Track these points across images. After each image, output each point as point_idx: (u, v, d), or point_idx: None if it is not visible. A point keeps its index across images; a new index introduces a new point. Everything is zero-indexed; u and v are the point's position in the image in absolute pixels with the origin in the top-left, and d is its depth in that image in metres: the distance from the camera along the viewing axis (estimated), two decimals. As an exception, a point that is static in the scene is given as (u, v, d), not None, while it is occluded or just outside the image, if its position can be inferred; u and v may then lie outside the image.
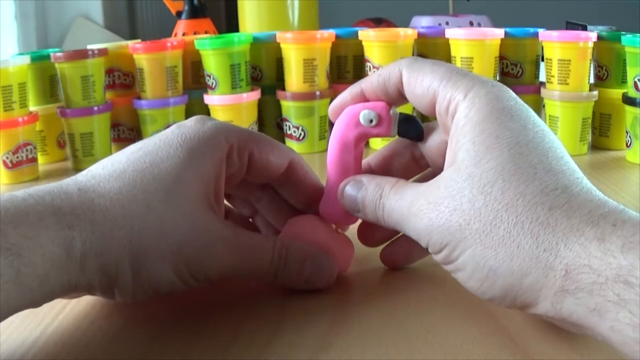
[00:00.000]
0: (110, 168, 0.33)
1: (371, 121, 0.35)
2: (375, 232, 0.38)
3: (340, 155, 0.36)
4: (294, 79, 0.70)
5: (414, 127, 0.36)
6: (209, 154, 0.34)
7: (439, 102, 0.33)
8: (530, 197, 0.29)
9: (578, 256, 0.27)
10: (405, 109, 0.54)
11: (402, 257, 0.38)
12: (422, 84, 0.34)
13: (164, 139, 0.34)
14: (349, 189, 0.35)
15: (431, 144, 0.36)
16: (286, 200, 0.39)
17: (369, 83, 0.36)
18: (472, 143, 0.31)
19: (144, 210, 0.31)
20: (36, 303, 0.30)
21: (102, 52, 0.67)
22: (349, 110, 0.36)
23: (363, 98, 0.36)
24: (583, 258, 0.27)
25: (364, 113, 0.35)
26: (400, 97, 0.36)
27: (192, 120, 0.35)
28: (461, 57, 0.67)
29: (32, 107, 0.67)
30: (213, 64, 0.68)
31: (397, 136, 0.36)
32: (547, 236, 0.28)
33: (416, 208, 0.32)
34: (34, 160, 0.65)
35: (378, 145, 0.70)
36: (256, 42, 0.72)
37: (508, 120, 0.31)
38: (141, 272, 0.31)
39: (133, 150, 0.33)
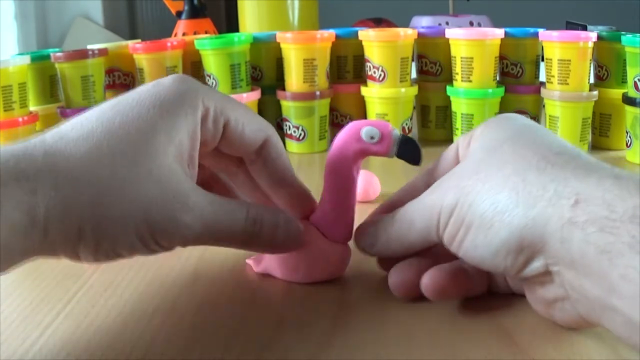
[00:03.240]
0: (79, 129, 0.31)
1: (372, 138, 0.35)
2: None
3: (338, 167, 0.36)
4: (294, 79, 0.70)
5: (413, 150, 0.35)
6: (183, 116, 0.32)
7: (461, 143, 0.35)
8: (537, 147, 0.30)
9: (590, 187, 0.26)
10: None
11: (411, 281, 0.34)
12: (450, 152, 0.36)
13: (137, 98, 0.32)
14: (364, 226, 0.36)
15: (445, 166, 0.36)
16: None
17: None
18: (485, 134, 0.33)
19: (109, 174, 0.30)
20: None
21: (102, 52, 0.67)
22: (353, 125, 0.36)
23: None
24: (596, 190, 0.26)
25: (367, 129, 0.35)
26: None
27: (170, 78, 0.34)
28: (461, 57, 0.67)
29: (32, 107, 0.67)
30: (213, 64, 0.68)
31: (394, 156, 0.36)
32: (554, 170, 0.28)
33: (428, 192, 0.32)
34: (34, 160, 0.65)
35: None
36: (256, 42, 0.72)
37: (520, 118, 0.34)
38: (104, 237, 0.30)
39: (105, 109, 0.32)
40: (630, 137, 0.63)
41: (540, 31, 0.67)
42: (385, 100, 0.69)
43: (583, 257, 0.26)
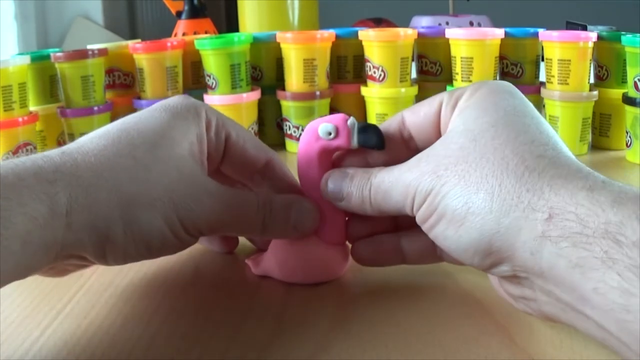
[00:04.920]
0: (93, 133, 0.33)
1: (330, 134, 0.35)
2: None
3: (306, 171, 0.36)
4: (294, 79, 0.70)
5: (373, 135, 0.34)
6: (192, 119, 0.35)
7: (445, 104, 0.33)
8: (519, 144, 0.29)
9: (564, 201, 0.26)
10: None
11: (371, 252, 0.37)
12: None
13: (146, 109, 0.35)
14: (334, 177, 0.35)
15: (422, 120, 0.35)
16: None
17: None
18: (471, 109, 0.32)
19: (131, 161, 0.31)
20: (21, 269, 0.28)
21: (102, 52, 0.67)
22: (310, 125, 0.36)
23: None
24: (569, 204, 0.26)
25: (322, 126, 0.35)
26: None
27: (175, 96, 0.36)
28: (461, 57, 0.67)
29: (32, 107, 0.67)
30: (213, 64, 0.68)
31: (357, 146, 0.35)
32: (531, 177, 0.28)
33: (407, 167, 0.32)
34: (34, 160, 0.65)
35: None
36: (256, 42, 0.72)
37: (508, 95, 0.33)
38: (132, 224, 0.30)
39: (119, 120, 0.34)
40: (630, 137, 0.63)
41: (540, 31, 0.67)
42: (385, 100, 0.69)
43: (552, 269, 0.26)
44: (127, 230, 0.30)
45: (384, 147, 0.35)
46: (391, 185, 0.32)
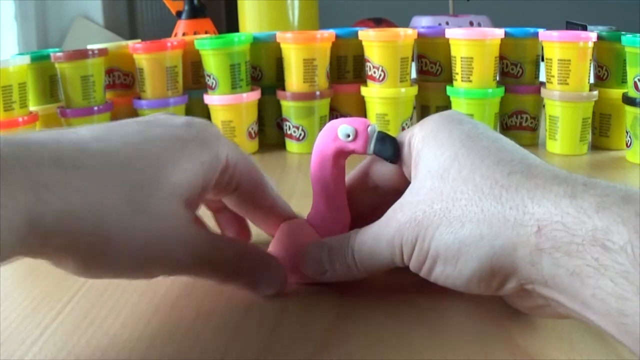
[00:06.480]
0: (102, 143, 0.30)
1: (348, 136, 0.35)
2: None
3: (319, 169, 0.36)
4: (294, 79, 0.70)
5: (390, 147, 0.35)
6: (208, 164, 0.33)
7: (405, 146, 0.34)
8: (486, 169, 0.29)
9: (549, 212, 0.26)
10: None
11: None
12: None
13: (160, 135, 0.32)
14: (310, 252, 0.35)
15: (384, 171, 0.36)
16: None
17: None
18: (428, 147, 0.32)
19: (125, 206, 0.29)
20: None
21: (102, 52, 0.67)
22: (330, 124, 0.36)
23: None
24: (555, 214, 0.26)
25: (342, 127, 0.35)
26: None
27: (200, 123, 0.34)
28: (461, 57, 0.67)
29: (32, 107, 0.67)
30: (213, 64, 0.68)
31: (372, 154, 0.35)
32: (510, 195, 0.28)
33: (384, 223, 0.32)
34: (34, 160, 0.65)
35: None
36: (256, 42, 0.72)
37: (457, 123, 0.33)
38: (97, 261, 0.29)
39: (132, 131, 0.32)
40: (630, 137, 0.63)
41: (540, 31, 0.67)
42: (385, 100, 0.69)
43: (554, 277, 0.26)
44: (88, 265, 0.29)
45: (397, 160, 0.35)
46: (374, 244, 0.33)
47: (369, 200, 0.38)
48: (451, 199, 0.29)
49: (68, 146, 0.29)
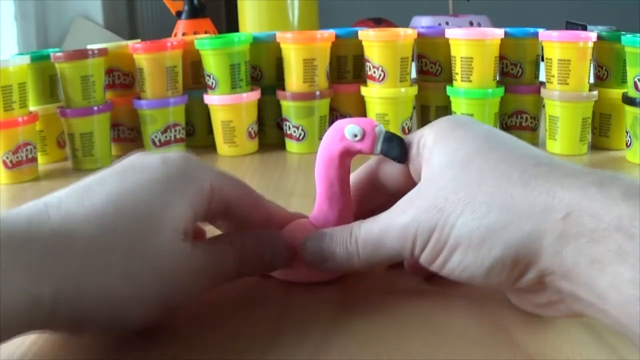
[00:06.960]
0: (88, 207, 0.29)
1: (355, 135, 0.35)
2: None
3: (324, 168, 0.36)
4: (294, 79, 0.70)
5: (397, 147, 0.35)
6: (192, 194, 0.32)
7: (413, 147, 0.34)
8: (513, 160, 0.29)
9: (578, 196, 0.26)
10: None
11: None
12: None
13: (148, 178, 0.31)
14: (312, 239, 0.35)
15: (390, 172, 0.36)
16: None
17: None
18: (445, 143, 0.32)
19: (122, 256, 0.29)
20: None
21: (102, 52, 0.67)
22: (337, 124, 0.36)
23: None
24: (584, 200, 0.26)
25: (349, 127, 0.35)
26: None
27: (179, 157, 0.33)
28: (461, 57, 0.67)
29: (32, 107, 0.67)
30: (213, 64, 0.68)
31: (379, 154, 0.35)
32: (538, 182, 0.28)
33: (397, 211, 0.31)
34: (33, 160, 0.65)
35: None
36: (256, 42, 0.72)
37: (472, 124, 0.33)
38: (109, 321, 0.29)
39: (112, 187, 0.31)
40: (630, 137, 0.63)
41: (540, 31, 0.67)
42: (385, 100, 0.69)
43: (575, 267, 0.26)
44: (100, 325, 0.30)
45: (404, 160, 0.35)
46: (383, 232, 0.32)
47: (374, 200, 0.37)
48: (477, 185, 0.29)
49: (55, 216, 0.29)
